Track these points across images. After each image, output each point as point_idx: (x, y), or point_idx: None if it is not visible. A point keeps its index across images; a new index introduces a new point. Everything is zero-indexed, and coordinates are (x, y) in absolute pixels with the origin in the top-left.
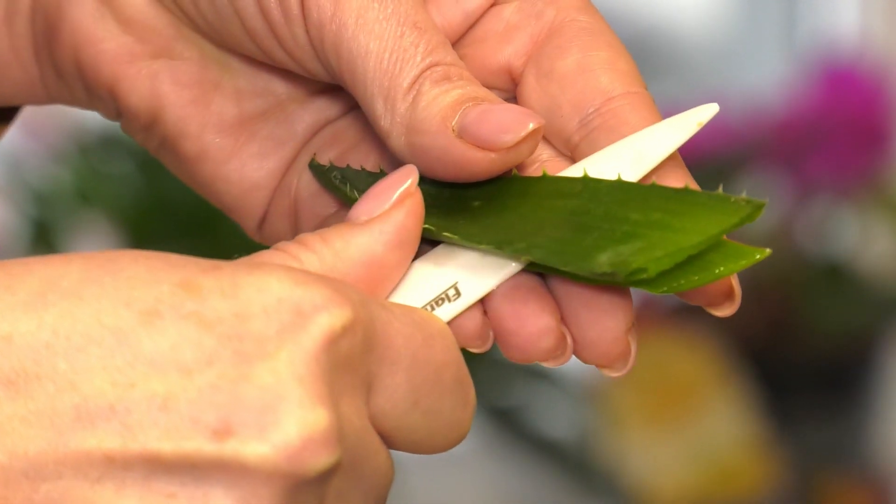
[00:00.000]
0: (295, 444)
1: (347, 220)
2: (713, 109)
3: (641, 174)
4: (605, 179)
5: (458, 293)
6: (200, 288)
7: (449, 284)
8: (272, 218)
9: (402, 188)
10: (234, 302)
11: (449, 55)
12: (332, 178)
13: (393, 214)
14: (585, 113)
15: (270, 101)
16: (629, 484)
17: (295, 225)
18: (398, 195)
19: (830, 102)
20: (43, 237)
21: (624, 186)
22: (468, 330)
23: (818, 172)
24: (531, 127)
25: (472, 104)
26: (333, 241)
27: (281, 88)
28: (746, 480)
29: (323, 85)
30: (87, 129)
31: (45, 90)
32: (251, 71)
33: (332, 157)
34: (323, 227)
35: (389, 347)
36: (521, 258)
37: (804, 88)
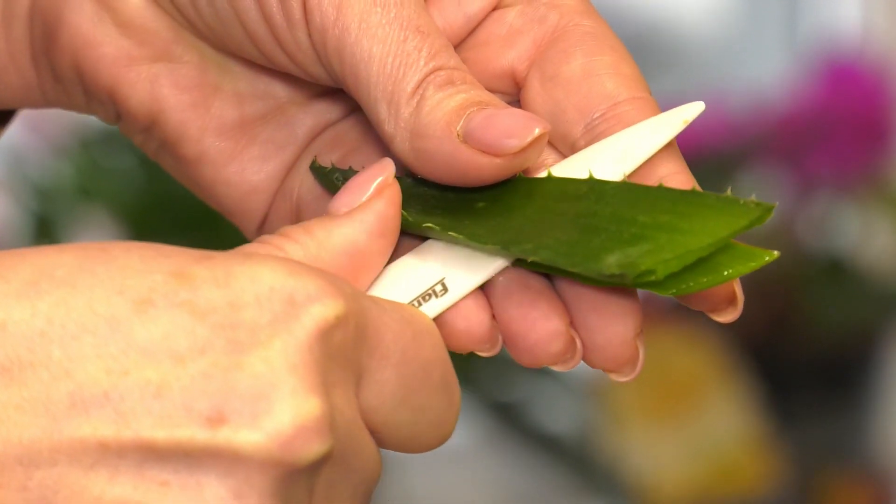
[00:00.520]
0: (287, 431)
1: (328, 212)
2: (699, 107)
3: (628, 171)
4: (611, 181)
5: (445, 289)
6: (193, 277)
7: (436, 280)
8: (272, 221)
9: (379, 179)
10: (226, 291)
11: (452, 59)
12: (333, 179)
13: (373, 204)
14: (591, 118)
15: (271, 104)
16: (630, 480)
17: None
18: (376, 186)
19: (832, 98)
20: (44, 231)
21: (631, 188)
22: (477, 333)
23: (820, 168)
24: (537, 132)
25: (476, 109)
26: (316, 231)
27: (281, 92)
28: (747, 477)
29: (324, 88)
30: (88, 123)
31: (42, 94)
32: (251, 74)
33: (333, 159)
34: None
35: (380, 342)
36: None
37: (806, 84)
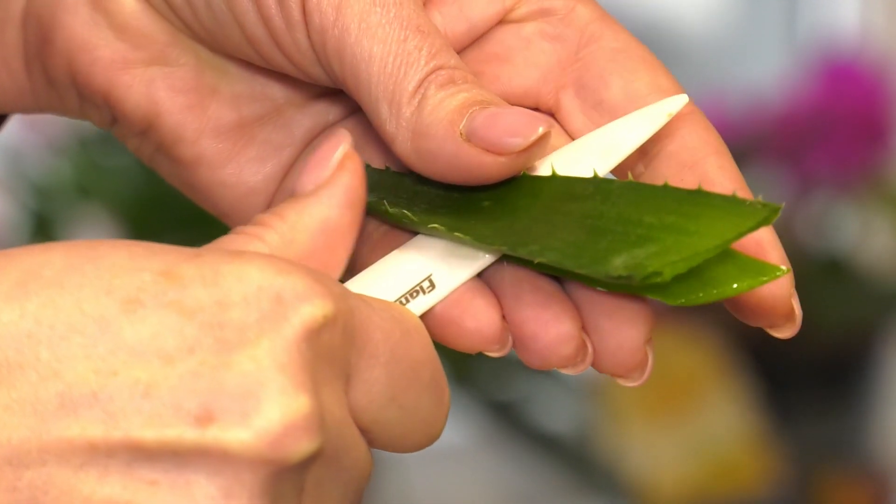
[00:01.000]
0: (276, 429)
1: (294, 192)
2: (682, 100)
3: (612, 165)
4: (616, 180)
5: (432, 285)
6: (181, 276)
7: (423, 276)
8: None
9: (338, 152)
10: (214, 290)
11: (452, 58)
12: None
13: (338, 178)
14: (644, 143)
15: (268, 105)
16: (628, 478)
17: None
18: (337, 160)
19: (831, 97)
20: (43, 230)
21: (636, 187)
22: (487, 333)
23: (818, 167)
24: (541, 131)
25: (479, 107)
26: (288, 215)
27: (279, 93)
28: (746, 475)
29: (321, 89)
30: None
31: (34, 99)
32: (248, 76)
33: None
34: None
35: (369, 341)
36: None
37: (805, 83)
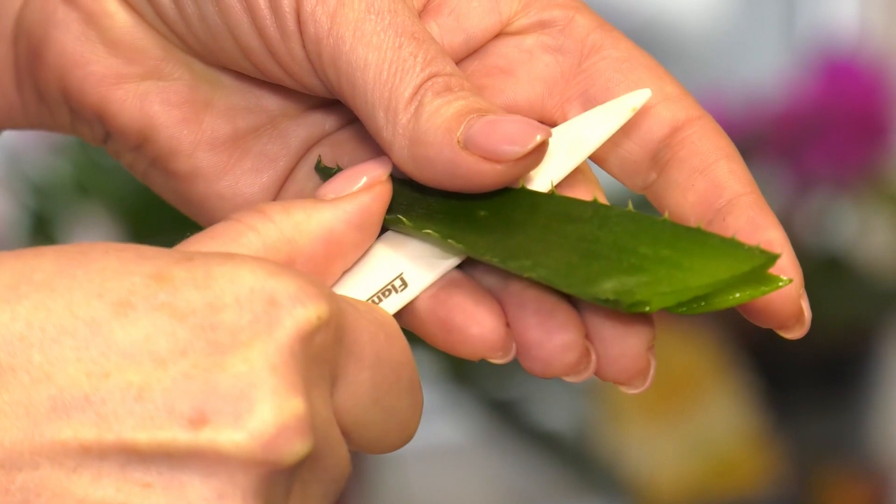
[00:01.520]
0: (270, 431)
1: (315, 195)
2: (646, 94)
3: (579, 160)
4: (616, 207)
5: (404, 283)
6: (173, 279)
7: (395, 275)
8: None
9: (373, 174)
10: (206, 293)
11: (448, 65)
12: None
13: (359, 196)
14: (655, 150)
15: (263, 117)
16: (628, 476)
17: None
18: (368, 180)
19: (829, 95)
20: (42, 229)
21: (635, 217)
22: (491, 339)
23: (817, 165)
24: (538, 139)
25: (476, 115)
26: (295, 212)
27: (273, 104)
28: (745, 473)
29: (315, 100)
30: None
31: (24, 115)
32: (243, 87)
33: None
34: None
35: (356, 343)
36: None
37: (803, 81)
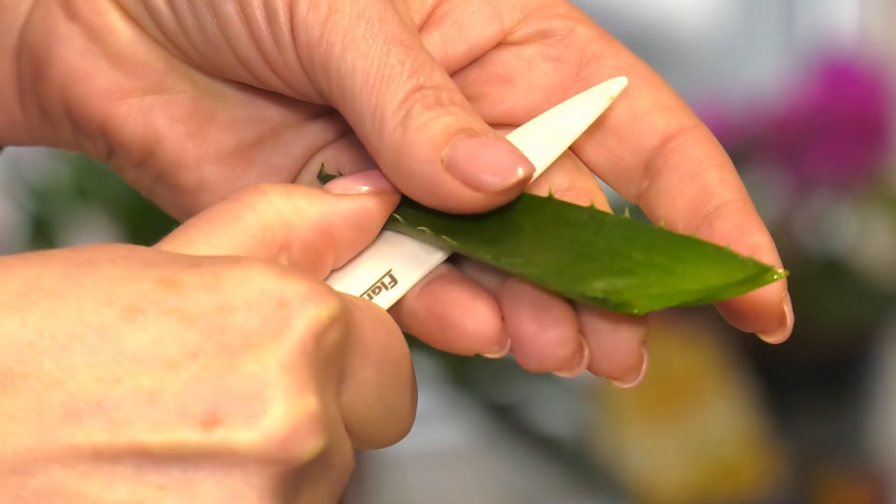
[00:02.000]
0: (284, 430)
1: (323, 188)
2: (622, 83)
3: (560, 150)
4: (612, 214)
5: (394, 280)
6: (181, 284)
7: (384, 272)
8: None
9: (385, 184)
10: (216, 296)
11: (437, 74)
12: None
13: (364, 198)
14: (648, 158)
15: (265, 128)
16: (628, 480)
17: None
18: (378, 186)
19: (829, 98)
20: (41, 233)
21: (630, 224)
22: (487, 333)
23: (817, 168)
24: (520, 174)
25: (464, 136)
26: (297, 197)
27: (275, 115)
28: (745, 476)
29: (316, 109)
30: None
31: (27, 131)
32: (245, 99)
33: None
34: None
35: (361, 341)
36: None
37: (803, 84)
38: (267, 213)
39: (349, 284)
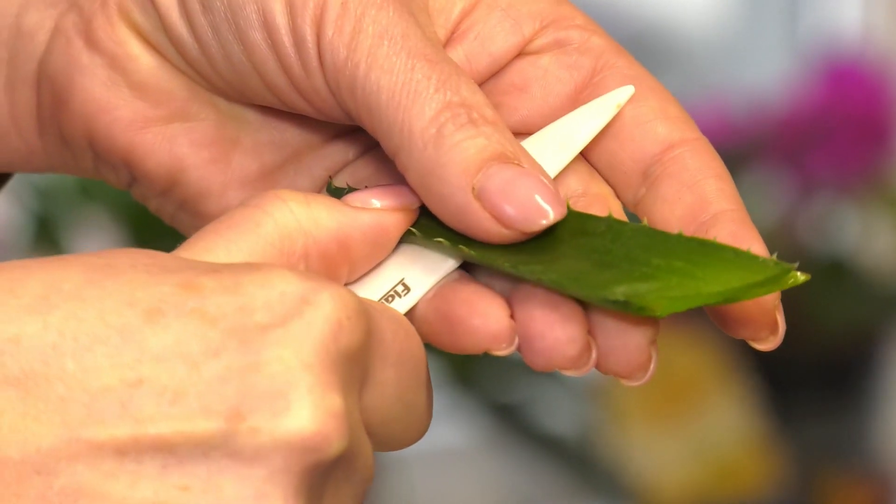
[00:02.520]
0: (308, 427)
1: (342, 200)
2: (629, 91)
3: (569, 158)
4: (629, 223)
5: (406, 288)
6: (202, 287)
7: (397, 280)
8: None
9: (404, 200)
10: (236, 298)
11: (465, 88)
12: None
13: (381, 214)
14: (647, 165)
15: (287, 151)
16: (631, 480)
17: None
18: (397, 202)
19: (833, 98)
20: (45, 233)
21: (649, 232)
22: (495, 330)
23: (820, 168)
24: (551, 218)
25: (497, 164)
26: (315, 206)
27: (296, 138)
28: (748, 477)
29: (336, 130)
30: None
31: (45, 159)
32: (267, 122)
33: None
34: None
35: (381, 343)
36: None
37: (807, 84)
38: (286, 220)
39: (362, 293)
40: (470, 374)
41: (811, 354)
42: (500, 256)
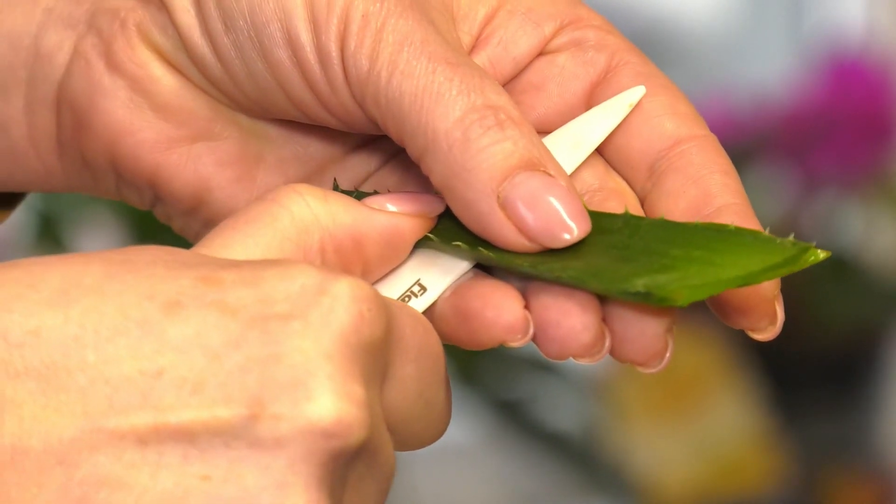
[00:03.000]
0: (329, 417)
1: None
2: (641, 91)
3: (582, 158)
4: (646, 217)
5: (423, 288)
6: (222, 280)
7: (413, 280)
8: None
9: (423, 207)
10: (256, 290)
11: (489, 89)
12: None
13: (398, 217)
14: (654, 160)
15: (311, 165)
16: (635, 477)
17: None
18: (415, 208)
19: (836, 95)
20: (49, 231)
21: (666, 225)
22: (508, 321)
23: (824, 165)
24: (576, 234)
25: (525, 172)
26: (333, 202)
27: (319, 151)
28: (752, 474)
29: (358, 141)
30: None
31: (64, 180)
32: (290, 137)
33: None
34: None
35: (402, 339)
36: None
37: (810, 81)
38: (303, 214)
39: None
40: (474, 371)
41: (815, 351)
42: (518, 258)
